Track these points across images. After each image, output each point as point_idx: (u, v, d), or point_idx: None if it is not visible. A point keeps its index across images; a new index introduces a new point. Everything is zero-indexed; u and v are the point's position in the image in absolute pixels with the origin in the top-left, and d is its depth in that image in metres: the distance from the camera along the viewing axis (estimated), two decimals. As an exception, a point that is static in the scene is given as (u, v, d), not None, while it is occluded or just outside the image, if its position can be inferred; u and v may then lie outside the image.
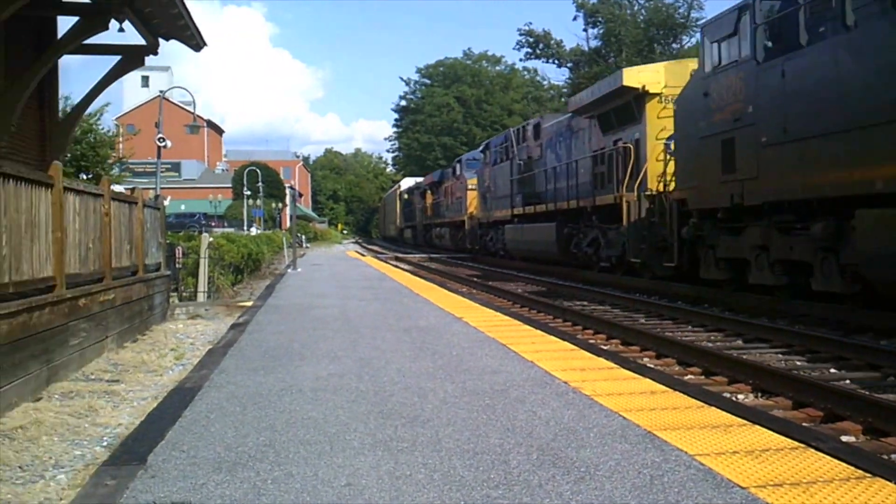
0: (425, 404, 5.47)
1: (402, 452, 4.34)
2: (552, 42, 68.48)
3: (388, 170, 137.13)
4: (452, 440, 4.56)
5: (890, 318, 10.66)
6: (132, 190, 14.87)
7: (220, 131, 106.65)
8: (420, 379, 6.39)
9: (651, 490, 3.67)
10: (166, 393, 6.63)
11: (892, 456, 5.51)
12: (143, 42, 12.43)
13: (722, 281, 14.36)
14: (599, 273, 21.30)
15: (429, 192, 51.45)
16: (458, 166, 42.43)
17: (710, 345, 10.22)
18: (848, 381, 7.85)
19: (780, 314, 12.39)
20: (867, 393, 7.15)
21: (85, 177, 21.16)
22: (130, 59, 12.59)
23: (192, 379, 6.63)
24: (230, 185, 77.94)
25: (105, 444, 5.99)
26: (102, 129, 24.12)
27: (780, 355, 9.50)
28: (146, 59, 12.79)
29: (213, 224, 56.71)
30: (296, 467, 4.11)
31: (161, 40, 12.62)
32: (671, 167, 16.17)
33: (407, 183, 68.76)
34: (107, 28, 11.10)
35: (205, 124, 65.97)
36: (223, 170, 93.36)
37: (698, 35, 15.67)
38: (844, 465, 3.97)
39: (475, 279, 23.41)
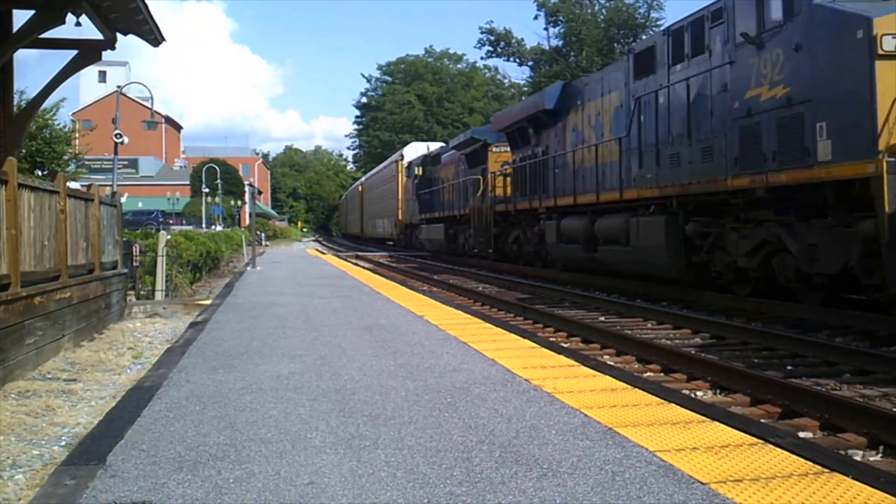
0: (387, 402, 5.46)
1: (365, 450, 4.33)
2: (513, 41, 68.66)
3: (348, 167, 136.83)
4: (415, 438, 4.56)
5: (844, 317, 10.84)
6: (88, 187, 14.67)
7: (178, 128, 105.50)
8: (381, 377, 6.38)
9: (613, 486, 3.70)
10: (125, 392, 6.56)
11: (849, 451, 5.59)
12: (100, 36, 12.26)
13: None
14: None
15: (493, 151, 27.37)
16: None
17: (668, 342, 10.32)
18: (804, 378, 7.96)
19: (737, 312, 12.54)
20: (824, 389, 7.27)
21: (40, 173, 20.81)
22: (87, 53, 12.39)
23: (151, 378, 6.56)
24: (188, 183, 77.06)
25: (63, 443, 5.91)
26: (58, 124, 23.74)
27: (737, 352, 9.61)
28: (103, 53, 12.60)
29: (170, 221, 56.13)
30: (257, 466, 4.08)
31: (119, 35, 12.44)
32: None
33: (416, 150, 45.26)
34: (63, 22, 10.92)
35: (163, 120, 65.25)
36: (181, 167, 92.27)
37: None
38: (802, 460, 4.03)
39: (435, 277, 23.40)
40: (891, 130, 9.44)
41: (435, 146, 41.95)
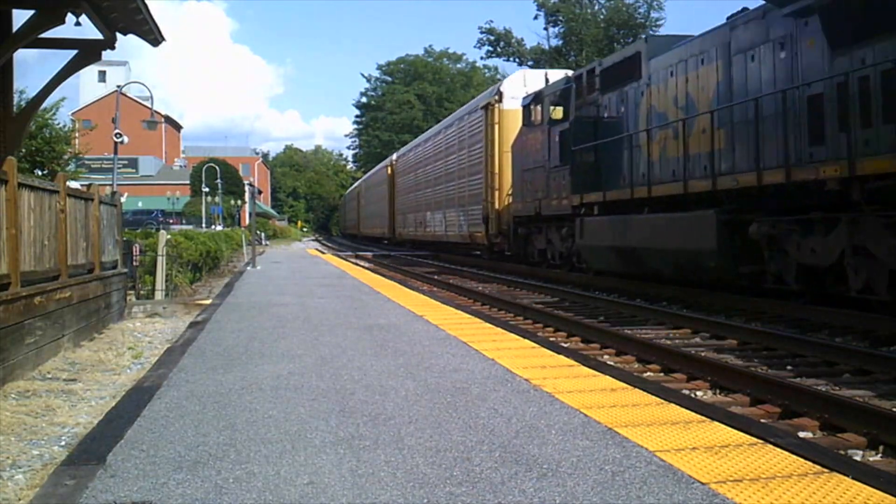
0: (387, 402, 5.46)
1: (365, 450, 4.33)
2: (513, 40, 68.79)
3: (348, 167, 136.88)
4: (415, 438, 4.55)
5: (844, 316, 10.84)
6: (88, 186, 14.66)
7: (178, 127, 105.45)
8: (381, 377, 6.38)
9: (613, 486, 3.70)
10: (125, 392, 6.56)
11: (849, 451, 5.59)
12: (100, 36, 12.26)
13: None
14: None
15: None
16: None
17: (668, 342, 10.31)
18: (804, 378, 7.95)
19: (736, 312, 12.54)
20: (824, 389, 7.27)
21: (40, 172, 20.83)
22: (87, 53, 12.38)
23: (151, 378, 6.56)
24: (188, 182, 77.10)
25: (63, 443, 5.90)
26: (58, 124, 23.73)
27: (737, 352, 9.60)
28: (103, 53, 12.59)
29: (170, 221, 56.16)
30: (257, 466, 4.08)
31: (119, 35, 12.43)
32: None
33: (529, 80, 24.82)
34: (63, 22, 10.92)
35: (162, 120, 65.20)
36: (181, 166, 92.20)
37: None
38: (802, 460, 4.03)
39: (436, 277, 23.38)
40: None
41: (558, 73, 23.80)
